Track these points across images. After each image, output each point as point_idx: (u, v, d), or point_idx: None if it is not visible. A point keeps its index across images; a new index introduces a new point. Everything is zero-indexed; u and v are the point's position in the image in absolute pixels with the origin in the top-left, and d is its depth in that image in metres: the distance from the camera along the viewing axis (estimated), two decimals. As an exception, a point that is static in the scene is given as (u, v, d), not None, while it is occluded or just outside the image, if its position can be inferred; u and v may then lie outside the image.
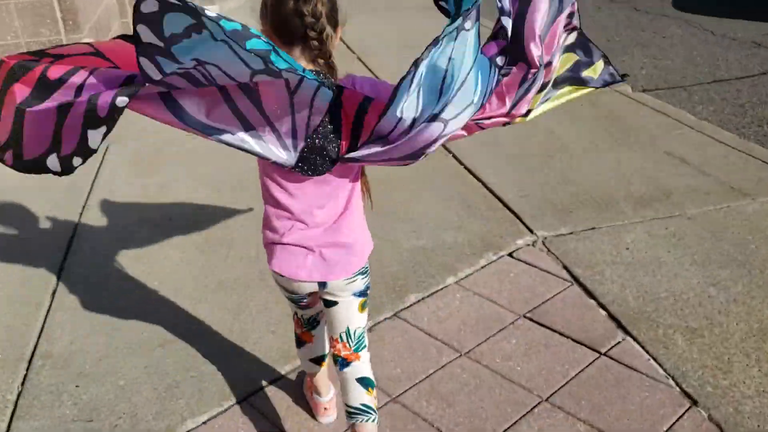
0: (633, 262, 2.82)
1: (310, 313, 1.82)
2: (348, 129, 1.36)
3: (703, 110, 4.77)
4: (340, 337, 1.69)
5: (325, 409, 2.03)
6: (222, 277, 2.78)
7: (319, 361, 1.93)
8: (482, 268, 2.82)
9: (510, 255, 2.91)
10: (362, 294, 1.66)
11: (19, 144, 1.25)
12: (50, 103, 1.19)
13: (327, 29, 1.35)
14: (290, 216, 1.51)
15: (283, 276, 1.59)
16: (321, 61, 1.39)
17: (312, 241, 1.53)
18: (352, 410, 1.73)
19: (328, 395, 2.03)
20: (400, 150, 1.34)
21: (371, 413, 1.72)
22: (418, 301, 2.62)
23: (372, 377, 1.74)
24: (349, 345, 1.69)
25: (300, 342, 1.92)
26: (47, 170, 1.28)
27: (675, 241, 2.95)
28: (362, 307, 1.68)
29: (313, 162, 1.38)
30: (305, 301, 1.74)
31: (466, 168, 3.71)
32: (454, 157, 3.85)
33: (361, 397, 1.72)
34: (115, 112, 1.18)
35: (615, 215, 3.18)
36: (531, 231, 3.07)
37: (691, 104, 4.89)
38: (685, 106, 4.82)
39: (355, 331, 1.68)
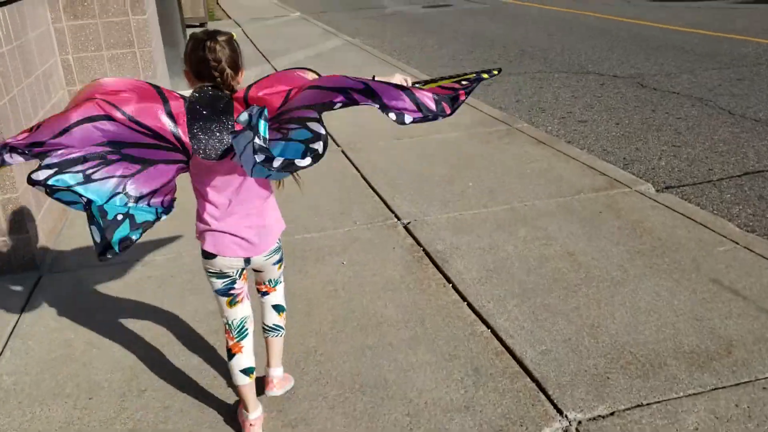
0: (703, 465, 2.09)
1: (240, 314, 2.15)
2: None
3: (740, 213, 4.12)
4: (265, 282, 2.26)
5: (251, 425, 2.22)
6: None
7: (247, 372, 2.19)
8: (501, 480, 2.08)
9: (536, 455, 2.17)
10: (279, 262, 2.20)
11: None
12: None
13: (227, 71, 1.82)
14: (217, 208, 1.95)
15: (215, 256, 2.00)
16: (227, 92, 1.84)
17: (236, 227, 1.98)
18: (267, 328, 2.30)
19: (255, 413, 2.23)
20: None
21: (280, 330, 2.32)
22: None
23: (284, 304, 2.31)
24: (271, 286, 2.27)
25: (231, 355, 2.19)
26: None
27: (754, 428, 2.23)
28: (279, 267, 2.23)
29: (211, 150, 1.77)
30: (236, 287, 2.11)
31: (470, 306, 3.01)
32: (455, 288, 3.16)
33: (274, 318, 2.29)
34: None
35: (666, 383, 2.46)
36: (560, 412, 2.34)
37: (725, 205, 4.24)
38: (718, 209, 4.17)
39: (275, 279, 2.26)
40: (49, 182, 1.66)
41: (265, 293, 2.28)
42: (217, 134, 1.76)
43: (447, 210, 4.05)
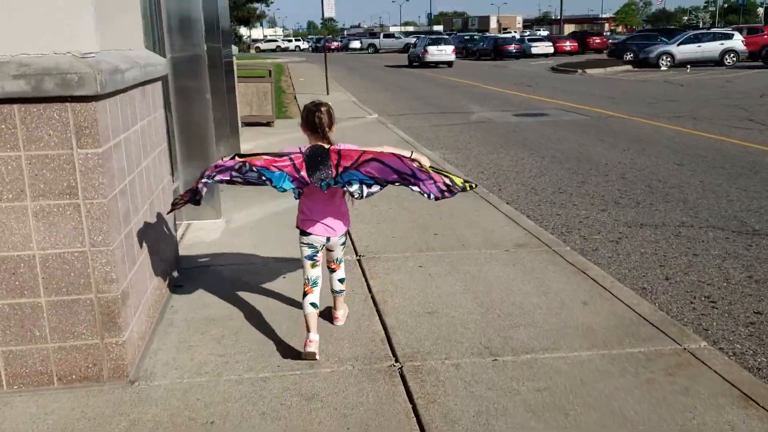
0: None
1: (315, 274, 3.46)
2: (334, 167, 3.18)
3: None
4: (334, 261, 3.64)
5: (310, 341, 3.34)
6: None
7: (313, 305, 3.43)
8: None
9: None
10: (343, 244, 3.59)
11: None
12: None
13: (326, 129, 3.27)
14: (312, 206, 3.39)
15: (310, 234, 3.40)
16: (325, 140, 3.27)
17: (324, 218, 3.40)
18: (334, 291, 3.71)
19: (314, 335, 3.37)
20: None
21: (342, 292, 3.73)
22: None
23: (344, 276, 3.69)
24: (337, 263, 3.65)
25: (305, 295, 3.44)
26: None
27: None
28: (343, 249, 3.62)
29: (320, 182, 3.20)
30: (317, 256, 3.46)
31: None
32: None
33: (339, 286, 3.69)
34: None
35: None
36: None
37: None
38: None
39: (339, 258, 3.65)
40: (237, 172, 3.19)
41: (333, 270, 3.66)
42: (322, 172, 3.19)
43: None
